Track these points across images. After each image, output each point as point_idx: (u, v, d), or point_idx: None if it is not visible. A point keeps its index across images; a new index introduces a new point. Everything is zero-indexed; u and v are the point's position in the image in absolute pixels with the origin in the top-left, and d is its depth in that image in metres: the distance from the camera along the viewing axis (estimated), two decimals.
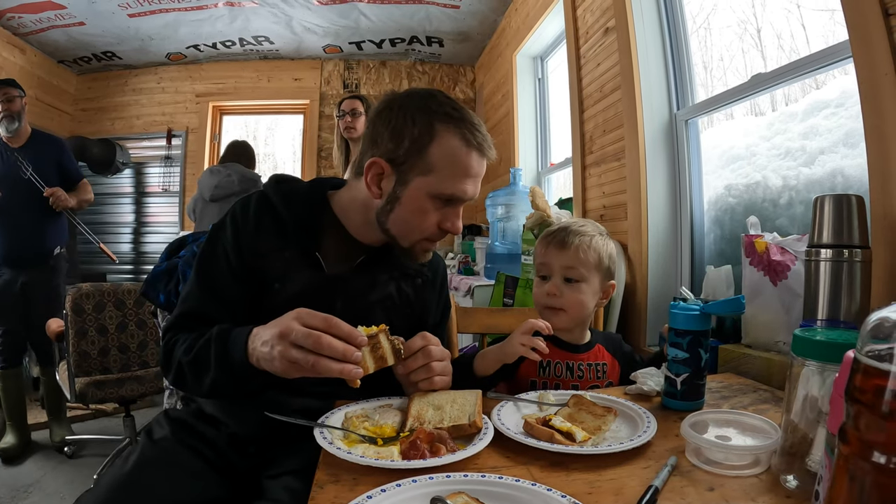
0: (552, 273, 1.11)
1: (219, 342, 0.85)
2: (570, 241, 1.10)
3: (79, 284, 2.43)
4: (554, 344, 1.10)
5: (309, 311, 0.78)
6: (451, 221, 0.96)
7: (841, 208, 1.02)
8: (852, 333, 0.64)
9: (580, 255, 1.09)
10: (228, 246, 0.97)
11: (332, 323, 0.77)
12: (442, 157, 0.91)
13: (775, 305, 1.21)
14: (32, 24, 3.82)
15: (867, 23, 1.06)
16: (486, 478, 0.64)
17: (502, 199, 2.92)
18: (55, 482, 2.31)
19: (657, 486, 0.63)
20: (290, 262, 0.96)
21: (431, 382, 0.90)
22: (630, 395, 0.99)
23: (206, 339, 0.87)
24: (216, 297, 0.95)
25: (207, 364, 0.86)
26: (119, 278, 4.61)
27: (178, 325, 0.96)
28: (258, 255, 0.96)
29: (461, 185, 0.93)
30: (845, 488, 0.39)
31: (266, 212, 0.99)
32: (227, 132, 5.01)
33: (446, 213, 0.95)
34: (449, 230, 0.96)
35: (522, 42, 3.34)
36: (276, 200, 0.99)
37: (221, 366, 0.84)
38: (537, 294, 1.13)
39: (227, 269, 0.96)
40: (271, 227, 0.98)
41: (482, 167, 0.96)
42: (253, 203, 1.00)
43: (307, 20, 4.02)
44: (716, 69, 1.96)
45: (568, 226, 1.14)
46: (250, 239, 0.97)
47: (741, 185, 1.66)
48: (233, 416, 0.96)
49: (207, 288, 0.96)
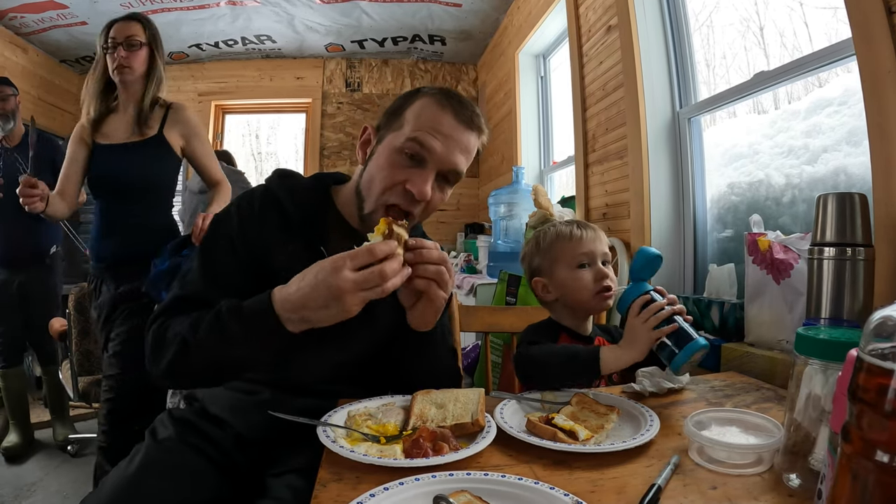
0: (594, 260, 1.12)
1: (232, 310, 0.82)
2: (594, 227, 1.17)
3: (81, 284, 2.43)
4: (570, 336, 1.14)
5: (342, 257, 0.77)
6: (415, 184, 0.90)
7: (844, 206, 1.02)
8: (855, 332, 0.63)
9: (606, 241, 1.16)
10: (234, 235, 0.96)
11: (373, 251, 0.76)
12: (413, 113, 0.93)
13: (778, 304, 1.21)
14: (34, 24, 3.82)
15: (870, 20, 1.05)
16: (488, 476, 0.64)
17: (505, 197, 2.92)
18: (58, 481, 2.32)
19: (660, 484, 0.63)
20: (294, 255, 0.94)
21: (428, 284, 0.85)
22: (626, 393, 0.99)
23: (216, 311, 0.84)
24: (218, 286, 0.92)
25: (222, 329, 0.81)
26: None
27: (174, 308, 0.92)
28: (262, 248, 0.95)
29: (427, 139, 0.90)
30: (848, 487, 0.39)
31: (270, 205, 0.99)
32: (230, 131, 5.02)
33: (413, 172, 0.91)
34: (413, 192, 0.90)
35: (525, 40, 3.34)
36: (282, 194, 0.99)
37: (245, 324, 0.80)
38: (586, 283, 1.11)
39: (232, 259, 0.95)
40: (276, 220, 0.97)
41: (460, 134, 0.92)
42: (257, 196, 1.00)
43: (309, 19, 4.03)
44: (718, 67, 1.96)
45: (575, 221, 1.19)
46: (255, 231, 0.96)
47: (744, 184, 1.66)
48: (237, 416, 0.96)
49: (210, 276, 0.94)
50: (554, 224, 1.19)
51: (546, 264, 1.16)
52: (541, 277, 1.18)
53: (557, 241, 1.15)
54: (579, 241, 1.13)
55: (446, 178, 0.95)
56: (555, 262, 1.15)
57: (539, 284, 1.18)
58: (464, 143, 0.93)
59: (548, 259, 1.16)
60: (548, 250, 1.16)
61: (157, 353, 0.88)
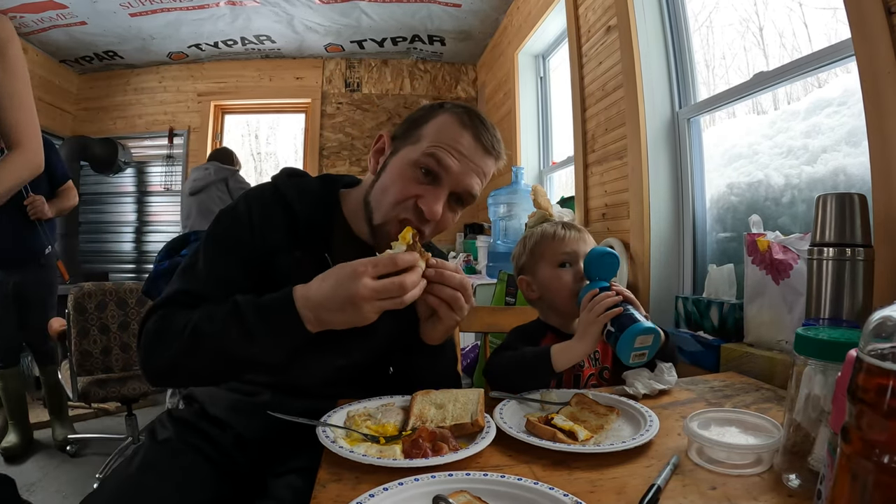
0: (576, 260, 1.11)
1: (251, 304, 0.81)
2: (581, 229, 1.16)
3: (81, 283, 2.43)
4: (555, 335, 1.13)
5: (364, 263, 0.77)
6: (427, 201, 0.88)
7: (843, 207, 1.02)
8: (855, 332, 0.63)
9: (592, 243, 1.15)
10: (244, 236, 0.93)
11: (398, 260, 0.77)
12: (432, 129, 0.91)
13: (778, 304, 1.21)
14: (34, 24, 3.82)
15: (869, 21, 1.05)
16: (488, 476, 0.64)
17: (504, 197, 2.93)
18: (57, 481, 2.31)
19: (659, 484, 0.63)
20: (299, 262, 0.93)
21: (440, 304, 0.86)
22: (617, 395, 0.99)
23: (232, 303, 0.82)
24: (222, 285, 0.89)
25: (241, 322, 0.79)
26: (121, 277, 4.62)
27: (175, 301, 0.88)
28: (268, 252, 0.93)
29: (445, 156, 0.88)
30: (847, 487, 0.39)
31: (278, 206, 0.96)
32: (229, 131, 5.02)
33: (426, 189, 0.89)
34: (423, 209, 0.88)
35: (524, 40, 3.34)
36: (291, 195, 0.96)
37: (264, 318, 0.79)
38: (566, 283, 1.10)
39: (238, 260, 0.92)
40: (282, 223, 0.95)
41: (479, 157, 0.91)
42: (267, 195, 0.97)
43: (309, 19, 4.03)
44: (718, 67, 1.96)
45: (564, 223, 1.18)
46: (262, 234, 0.93)
47: (743, 184, 1.66)
48: (237, 417, 0.96)
49: (215, 274, 0.90)
50: (544, 224, 1.20)
51: (531, 262, 1.17)
52: (525, 276, 1.18)
53: (542, 239, 1.15)
54: (562, 240, 1.13)
55: (460, 199, 0.94)
56: (538, 261, 1.15)
57: (524, 282, 1.18)
58: (481, 166, 0.92)
59: (532, 257, 1.16)
60: (533, 249, 1.16)
61: (159, 345, 0.84)
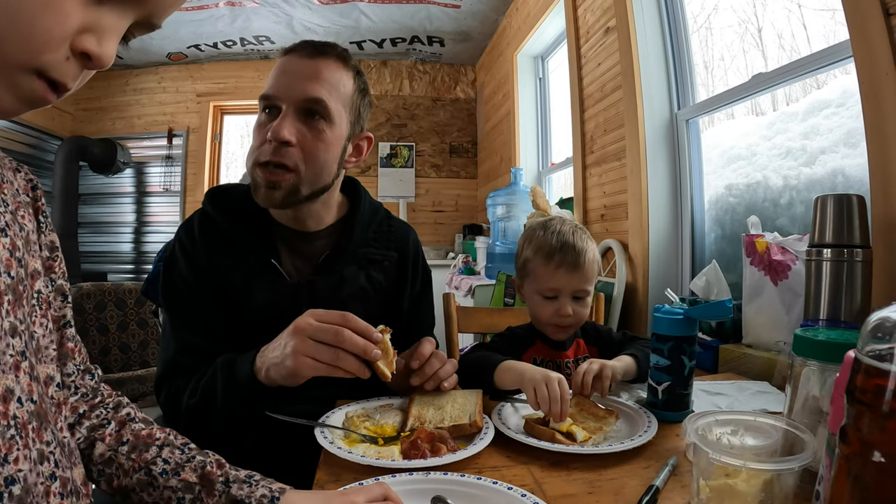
0: (562, 295, 1.05)
1: (225, 368, 0.84)
2: (581, 261, 1.05)
3: (80, 284, 2.43)
4: (543, 343, 1.12)
5: (324, 310, 0.77)
6: (273, 127, 0.87)
7: (842, 208, 1.02)
8: (853, 333, 0.63)
9: (589, 275, 1.06)
10: (186, 274, 0.93)
11: (349, 318, 0.76)
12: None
13: (776, 305, 1.21)
14: None
15: (868, 22, 1.05)
16: (481, 481, 0.63)
17: (503, 198, 2.93)
18: None
19: (658, 485, 0.63)
20: (250, 275, 0.93)
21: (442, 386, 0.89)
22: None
23: (212, 371, 0.85)
24: (194, 329, 0.92)
25: (214, 394, 0.83)
26: (120, 278, 4.61)
27: (171, 372, 0.91)
28: (218, 277, 0.93)
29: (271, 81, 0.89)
30: (846, 488, 0.39)
31: (210, 230, 0.95)
32: (228, 132, 5.02)
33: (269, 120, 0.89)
34: (271, 132, 0.86)
35: (523, 42, 3.34)
36: (218, 218, 0.96)
37: (229, 388, 0.82)
38: (545, 314, 1.07)
39: (193, 299, 0.93)
40: (220, 244, 0.94)
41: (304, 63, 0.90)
42: (196, 223, 0.96)
43: (308, 20, 4.03)
44: (716, 69, 1.96)
45: (566, 240, 1.06)
46: (204, 261, 0.93)
47: (742, 185, 1.66)
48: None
49: (183, 323, 0.92)
50: (552, 227, 1.10)
51: (522, 272, 1.13)
52: (517, 278, 1.17)
53: (536, 257, 1.08)
54: (552, 274, 1.05)
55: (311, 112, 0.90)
56: (527, 276, 1.11)
57: (516, 283, 1.17)
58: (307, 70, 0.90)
59: (524, 270, 1.12)
60: (527, 261, 1.11)
61: (173, 420, 0.89)
